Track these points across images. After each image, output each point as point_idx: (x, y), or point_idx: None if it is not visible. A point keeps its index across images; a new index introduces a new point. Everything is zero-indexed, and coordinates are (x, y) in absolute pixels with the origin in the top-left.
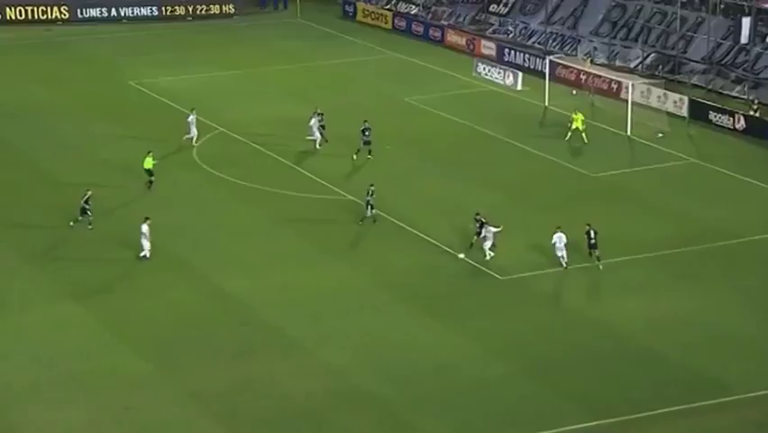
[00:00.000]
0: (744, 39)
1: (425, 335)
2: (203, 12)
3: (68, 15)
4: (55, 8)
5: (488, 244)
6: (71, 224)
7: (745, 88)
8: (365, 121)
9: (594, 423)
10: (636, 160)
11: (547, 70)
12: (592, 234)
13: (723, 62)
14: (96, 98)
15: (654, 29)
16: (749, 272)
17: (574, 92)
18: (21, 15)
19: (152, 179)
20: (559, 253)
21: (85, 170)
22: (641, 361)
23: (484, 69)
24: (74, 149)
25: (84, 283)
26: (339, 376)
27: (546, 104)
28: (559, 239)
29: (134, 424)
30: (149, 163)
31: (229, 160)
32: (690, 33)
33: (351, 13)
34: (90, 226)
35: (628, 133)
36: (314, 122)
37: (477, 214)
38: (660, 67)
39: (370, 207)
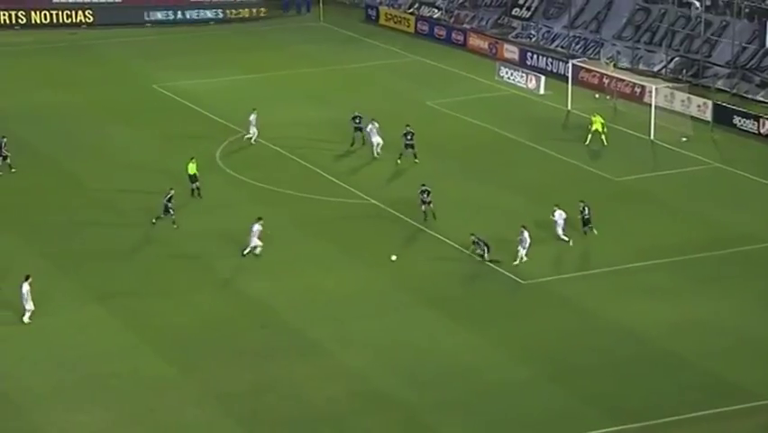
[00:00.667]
0: None
1: (447, 338)
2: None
3: (92, 19)
4: (80, 12)
5: (522, 252)
6: (153, 221)
7: None
8: (407, 125)
9: (618, 428)
10: (660, 164)
11: (570, 74)
12: (586, 211)
13: (747, 66)
14: (118, 102)
15: (678, 33)
16: None
17: (597, 96)
18: (45, 19)
19: (198, 184)
20: (560, 231)
21: (113, 174)
22: (664, 365)
23: (507, 72)
24: (97, 151)
25: (107, 286)
26: (361, 379)
27: (569, 107)
28: (559, 216)
29: (157, 426)
30: (192, 169)
31: (251, 162)
32: (714, 37)
33: (373, 17)
34: (175, 225)
35: (651, 137)
36: (370, 128)
37: (471, 234)
38: (684, 71)
39: (425, 204)
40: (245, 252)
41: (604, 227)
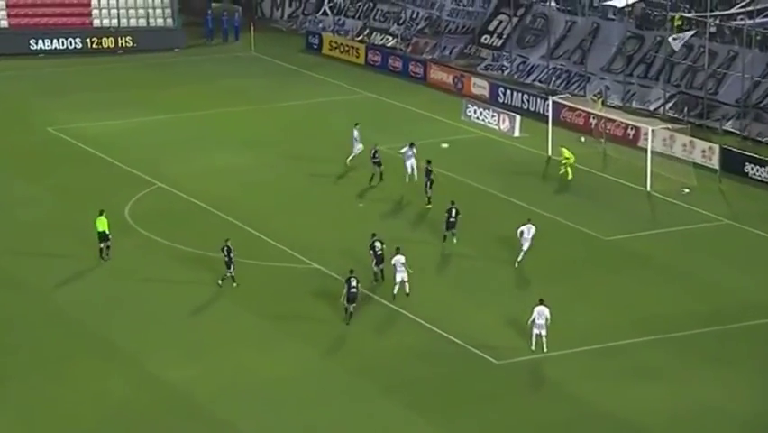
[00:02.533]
0: None
1: (407, 432)
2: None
3: None
4: None
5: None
6: (219, 282)
7: None
8: (375, 145)
9: None
10: (657, 220)
11: (550, 113)
12: (453, 213)
13: (761, 105)
14: (3, 149)
15: (678, 65)
16: None
17: (583, 139)
18: None
19: (108, 243)
20: (525, 246)
21: (2, 236)
22: None
23: (475, 111)
24: None
25: None
26: None
27: (549, 153)
28: (527, 229)
29: None
30: (102, 225)
31: (169, 221)
32: (721, 70)
33: (315, 46)
34: (235, 284)
35: (648, 188)
36: (405, 150)
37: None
38: (685, 110)
39: (376, 262)
40: (395, 291)
41: (591, 296)
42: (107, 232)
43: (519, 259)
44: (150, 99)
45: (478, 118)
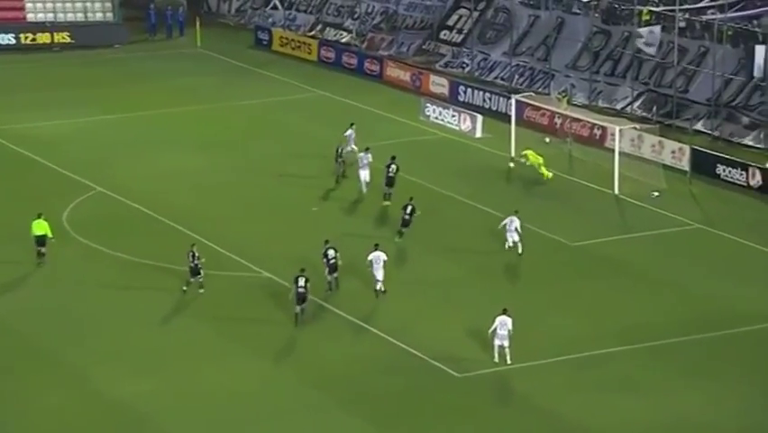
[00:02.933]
0: (758, 72)
1: None
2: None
3: None
4: None
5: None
6: (184, 288)
7: (761, 136)
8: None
9: None
10: (627, 225)
11: (513, 113)
12: (408, 210)
13: (733, 103)
14: None
15: (647, 61)
16: None
17: (548, 140)
18: None
19: (44, 249)
20: (510, 238)
21: None
22: None
23: (434, 110)
24: None
25: None
26: None
27: (513, 154)
28: (510, 221)
29: None
30: (41, 228)
31: (111, 228)
32: (691, 67)
33: (265, 42)
34: (202, 290)
35: (615, 191)
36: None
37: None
38: (654, 109)
39: (330, 270)
40: (378, 288)
41: (561, 304)
42: (48, 235)
43: (520, 252)
44: (89, 99)
45: (437, 118)
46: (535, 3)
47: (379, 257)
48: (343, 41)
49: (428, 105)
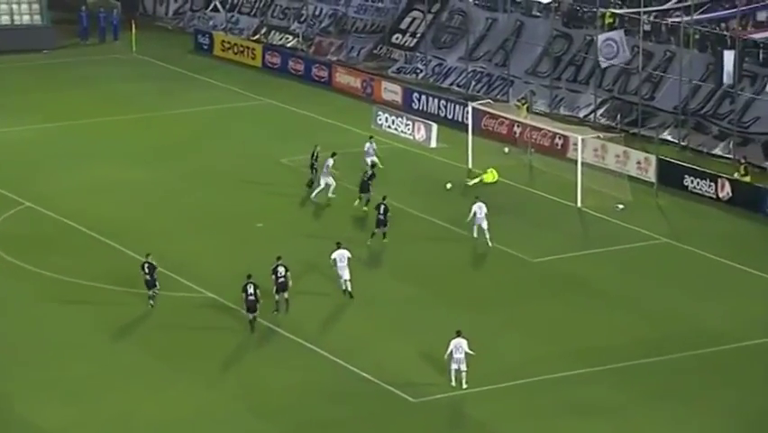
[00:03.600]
0: (727, 79)
1: None
2: None
3: None
4: None
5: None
6: (151, 304)
7: (731, 146)
8: (316, 145)
9: None
10: (590, 240)
11: (470, 121)
12: (382, 210)
13: (701, 112)
14: None
15: (610, 67)
16: (745, 389)
17: (507, 150)
18: None
19: None
20: (480, 225)
21: None
22: None
23: (387, 119)
24: None
25: None
26: None
27: (470, 165)
28: (479, 208)
29: None
30: None
31: (39, 245)
32: (657, 73)
33: (205, 46)
34: (151, 302)
35: (578, 204)
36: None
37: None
38: (618, 117)
39: (278, 289)
40: (344, 288)
41: (521, 325)
42: None
43: (489, 243)
44: (16, 108)
45: (390, 127)
46: (493, 5)
47: (342, 255)
48: (289, 45)
49: (380, 113)
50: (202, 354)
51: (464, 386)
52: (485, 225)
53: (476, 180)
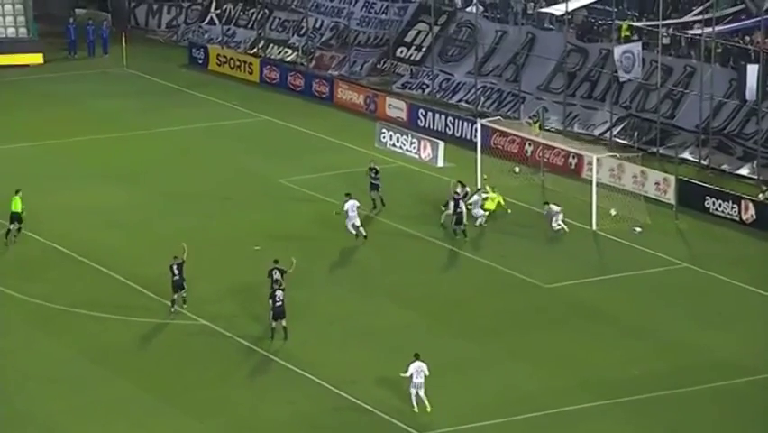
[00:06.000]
0: (750, 95)
1: None
2: None
3: None
4: None
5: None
6: (172, 310)
7: (755, 166)
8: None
9: None
10: (605, 265)
11: (479, 139)
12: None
13: (724, 130)
14: None
15: (628, 83)
16: (763, 424)
17: (518, 170)
18: None
19: (20, 226)
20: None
21: None
22: None
23: (391, 137)
24: None
25: None
26: None
27: (479, 185)
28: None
29: None
30: (17, 205)
31: (22, 269)
32: (677, 89)
33: (200, 60)
34: (186, 305)
35: (593, 226)
36: (350, 205)
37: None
38: (636, 135)
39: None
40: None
41: (530, 354)
42: (20, 213)
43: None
44: (0, 124)
45: (394, 145)
46: (503, 17)
47: (353, 205)
48: (288, 59)
49: (384, 130)
50: (191, 384)
51: (428, 409)
52: (350, 225)
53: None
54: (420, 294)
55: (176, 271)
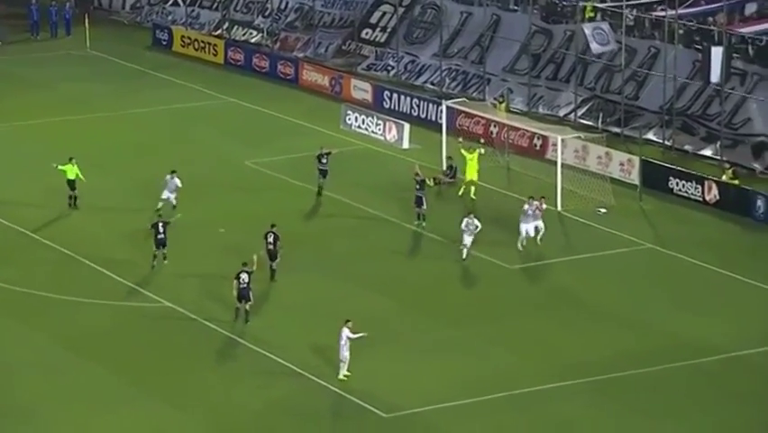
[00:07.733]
0: (714, 77)
1: None
2: None
3: None
4: None
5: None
6: (153, 265)
7: (718, 147)
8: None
9: None
10: (571, 245)
11: (444, 121)
12: (270, 239)
13: (688, 111)
14: None
15: (592, 64)
16: (732, 402)
17: (482, 151)
18: None
19: (76, 192)
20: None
21: None
22: None
23: (356, 119)
24: None
25: None
26: None
27: (444, 167)
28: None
29: None
30: (72, 172)
31: None
32: (641, 70)
33: (164, 42)
34: (165, 261)
35: (558, 207)
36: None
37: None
38: (601, 116)
39: (241, 298)
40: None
41: (496, 336)
42: (77, 179)
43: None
44: None
45: (360, 127)
46: None
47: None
48: (253, 41)
49: (349, 112)
50: (162, 368)
51: (347, 373)
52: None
53: (463, 188)
54: (388, 277)
55: (161, 229)
